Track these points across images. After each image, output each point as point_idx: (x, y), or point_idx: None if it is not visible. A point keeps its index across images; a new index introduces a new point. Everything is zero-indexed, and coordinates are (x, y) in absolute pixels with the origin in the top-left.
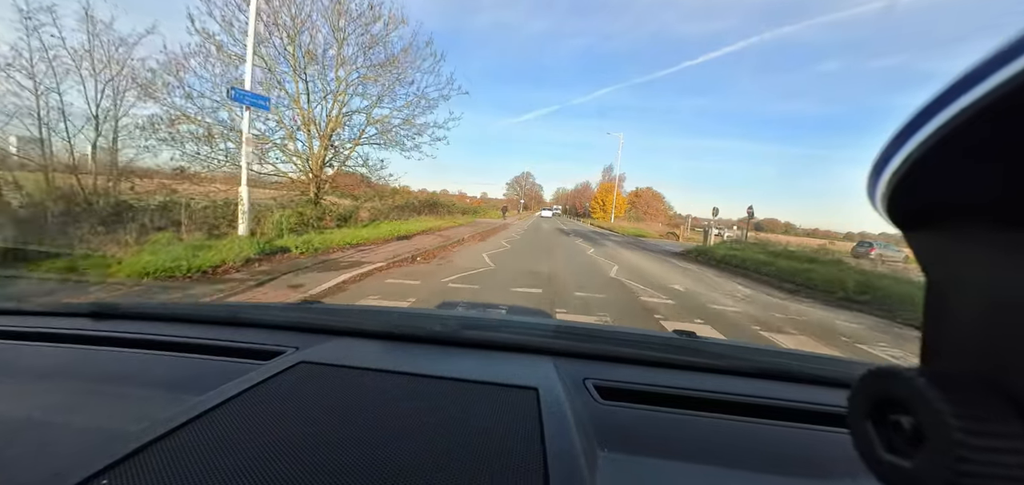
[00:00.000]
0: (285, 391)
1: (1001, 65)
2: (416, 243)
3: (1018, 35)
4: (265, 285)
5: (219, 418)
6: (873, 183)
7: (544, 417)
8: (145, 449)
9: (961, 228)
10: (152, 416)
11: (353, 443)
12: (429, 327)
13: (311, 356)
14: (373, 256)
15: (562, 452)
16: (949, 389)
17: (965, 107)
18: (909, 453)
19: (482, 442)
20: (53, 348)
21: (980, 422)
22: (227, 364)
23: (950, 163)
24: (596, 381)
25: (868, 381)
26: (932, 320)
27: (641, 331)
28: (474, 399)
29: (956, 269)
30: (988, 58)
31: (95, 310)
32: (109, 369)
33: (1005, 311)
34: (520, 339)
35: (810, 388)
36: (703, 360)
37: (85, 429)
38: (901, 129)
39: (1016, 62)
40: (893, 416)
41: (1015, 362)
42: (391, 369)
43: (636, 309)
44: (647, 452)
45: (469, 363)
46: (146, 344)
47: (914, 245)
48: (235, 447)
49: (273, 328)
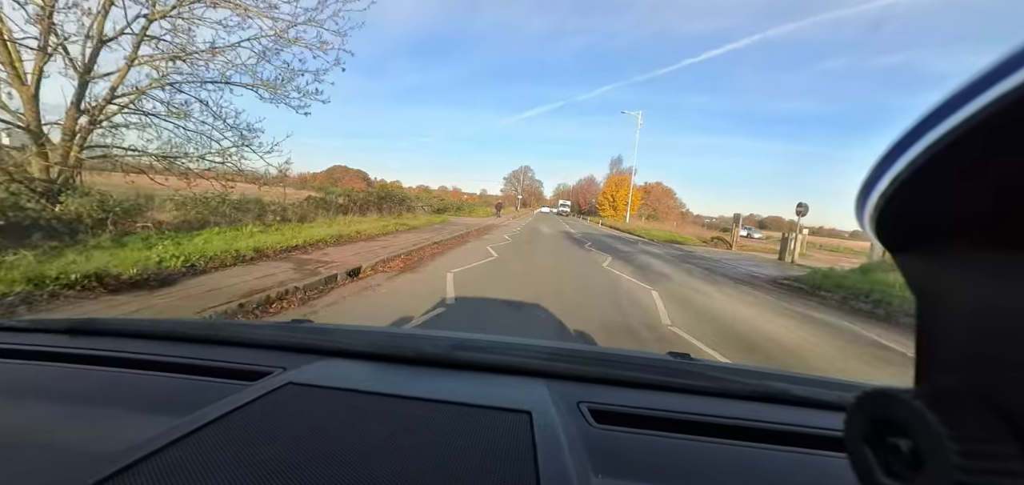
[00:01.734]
0: (273, 412)
1: (987, 86)
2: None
3: (1000, 58)
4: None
5: (205, 439)
6: (861, 205)
7: (537, 441)
8: (127, 471)
9: (949, 248)
10: (133, 438)
11: (343, 466)
12: (420, 348)
13: (299, 377)
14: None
15: (556, 478)
16: (945, 410)
17: (952, 129)
18: (908, 476)
19: (473, 467)
20: (27, 365)
21: (978, 443)
22: (213, 384)
23: (937, 184)
24: (590, 404)
25: (864, 403)
26: (924, 339)
27: (636, 353)
28: (466, 422)
29: (945, 288)
30: (973, 80)
31: (71, 326)
32: (87, 388)
33: (994, 328)
34: (513, 361)
35: (808, 411)
36: (699, 383)
37: (61, 451)
38: (888, 151)
39: (1002, 83)
40: (891, 439)
41: (1007, 378)
42: (382, 391)
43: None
44: (642, 478)
45: (460, 385)
46: (126, 363)
47: (903, 266)
48: (224, 469)
49: (260, 347)
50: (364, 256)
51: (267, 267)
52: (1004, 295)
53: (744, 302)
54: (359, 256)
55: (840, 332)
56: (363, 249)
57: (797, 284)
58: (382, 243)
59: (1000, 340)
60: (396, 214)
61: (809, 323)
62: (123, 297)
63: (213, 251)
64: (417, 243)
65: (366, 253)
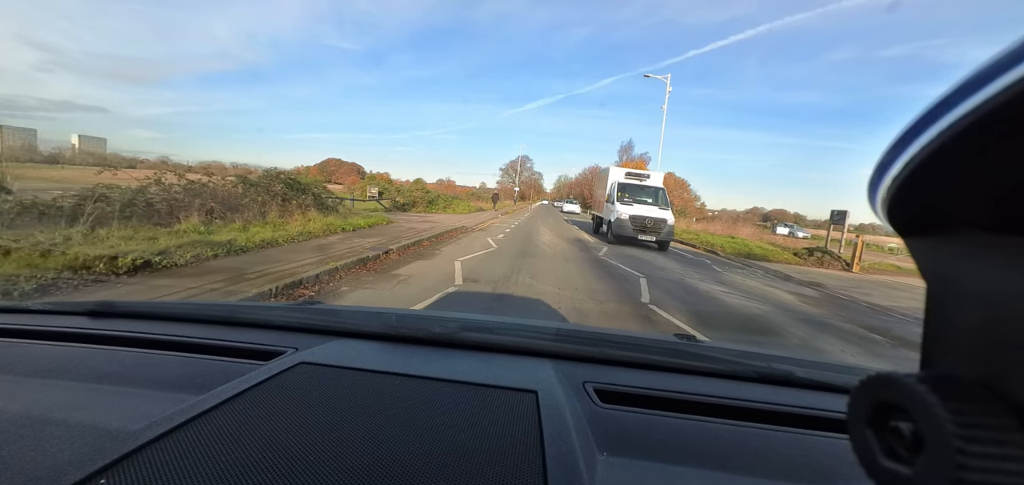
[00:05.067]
0: (285, 391)
1: (1002, 71)
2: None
3: (1018, 42)
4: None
5: (219, 418)
6: (874, 188)
7: (543, 420)
8: (144, 448)
9: (961, 233)
10: (151, 415)
11: (352, 444)
12: (428, 328)
13: (311, 357)
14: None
15: (561, 455)
16: (949, 394)
17: (966, 113)
18: (909, 459)
19: (481, 444)
20: (51, 346)
21: (980, 429)
22: (227, 364)
23: (950, 169)
24: (596, 384)
25: (868, 386)
26: (932, 324)
27: (641, 335)
28: (473, 401)
29: (956, 274)
30: (988, 65)
31: (94, 309)
32: (108, 368)
33: (1005, 316)
34: (520, 341)
35: (810, 393)
36: (703, 364)
37: (84, 428)
38: (901, 135)
39: (1017, 69)
40: (893, 422)
41: (1015, 367)
42: (391, 371)
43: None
44: (646, 456)
45: (468, 365)
46: (145, 343)
47: (914, 250)
48: (235, 447)
49: (272, 328)
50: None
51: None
52: (1015, 281)
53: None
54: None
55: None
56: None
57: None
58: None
59: (1009, 326)
60: (304, 212)
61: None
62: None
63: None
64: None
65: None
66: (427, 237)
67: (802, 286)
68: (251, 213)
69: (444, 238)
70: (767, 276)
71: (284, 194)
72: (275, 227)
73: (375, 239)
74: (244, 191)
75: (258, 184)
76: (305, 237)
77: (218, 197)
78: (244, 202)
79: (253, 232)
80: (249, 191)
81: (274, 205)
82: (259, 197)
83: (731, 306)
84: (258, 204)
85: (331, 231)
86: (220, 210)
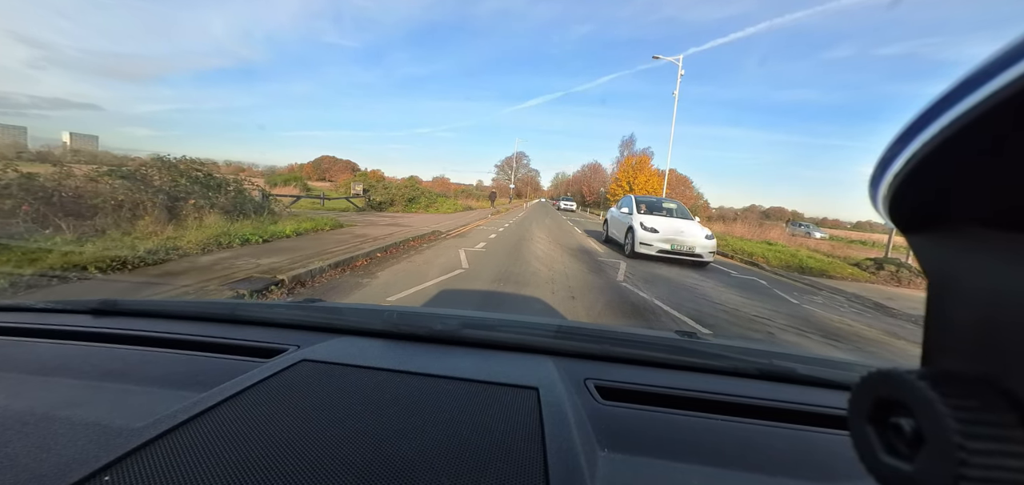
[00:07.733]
0: (287, 389)
1: (1005, 67)
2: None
3: (1021, 38)
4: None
5: (221, 415)
6: (875, 185)
7: (544, 417)
8: (148, 446)
9: (962, 230)
10: (154, 413)
11: (354, 441)
12: (430, 326)
13: (312, 354)
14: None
15: (562, 451)
16: (950, 391)
17: (968, 109)
18: (909, 456)
19: (483, 441)
20: (54, 344)
21: (980, 425)
22: (229, 362)
23: (953, 165)
24: (597, 381)
25: (869, 383)
26: (933, 321)
27: (643, 331)
28: (474, 398)
29: (958, 271)
30: (991, 61)
31: (96, 307)
32: (111, 366)
33: (1006, 312)
34: (521, 338)
35: (811, 390)
36: (704, 361)
37: (88, 425)
38: (903, 131)
39: (1019, 65)
40: (894, 418)
41: (1016, 363)
42: (392, 368)
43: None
44: (647, 453)
45: (470, 362)
46: (147, 341)
47: (916, 247)
48: (238, 444)
49: (274, 326)
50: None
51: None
52: (1017, 277)
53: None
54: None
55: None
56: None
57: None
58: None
59: (1010, 322)
60: (201, 216)
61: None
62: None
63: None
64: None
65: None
66: (367, 252)
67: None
68: (108, 219)
69: (399, 252)
70: (861, 307)
71: (172, 191)
72: (134, 240)
73: (273, 259)
74: (104, 189)
75: (133, 176)
76: (164, 255)
77: (47, 197)
78: (97, 203)
79: (67, 250)
80: (113, 188)
81: (152, 207)
82: (123, 197)
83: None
84: (125, 207)
85: (225, 245)
86: (53, 215)
